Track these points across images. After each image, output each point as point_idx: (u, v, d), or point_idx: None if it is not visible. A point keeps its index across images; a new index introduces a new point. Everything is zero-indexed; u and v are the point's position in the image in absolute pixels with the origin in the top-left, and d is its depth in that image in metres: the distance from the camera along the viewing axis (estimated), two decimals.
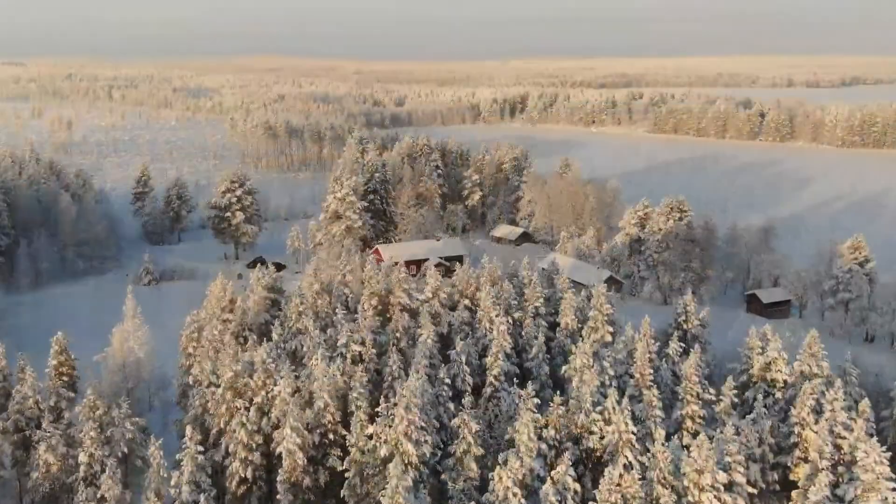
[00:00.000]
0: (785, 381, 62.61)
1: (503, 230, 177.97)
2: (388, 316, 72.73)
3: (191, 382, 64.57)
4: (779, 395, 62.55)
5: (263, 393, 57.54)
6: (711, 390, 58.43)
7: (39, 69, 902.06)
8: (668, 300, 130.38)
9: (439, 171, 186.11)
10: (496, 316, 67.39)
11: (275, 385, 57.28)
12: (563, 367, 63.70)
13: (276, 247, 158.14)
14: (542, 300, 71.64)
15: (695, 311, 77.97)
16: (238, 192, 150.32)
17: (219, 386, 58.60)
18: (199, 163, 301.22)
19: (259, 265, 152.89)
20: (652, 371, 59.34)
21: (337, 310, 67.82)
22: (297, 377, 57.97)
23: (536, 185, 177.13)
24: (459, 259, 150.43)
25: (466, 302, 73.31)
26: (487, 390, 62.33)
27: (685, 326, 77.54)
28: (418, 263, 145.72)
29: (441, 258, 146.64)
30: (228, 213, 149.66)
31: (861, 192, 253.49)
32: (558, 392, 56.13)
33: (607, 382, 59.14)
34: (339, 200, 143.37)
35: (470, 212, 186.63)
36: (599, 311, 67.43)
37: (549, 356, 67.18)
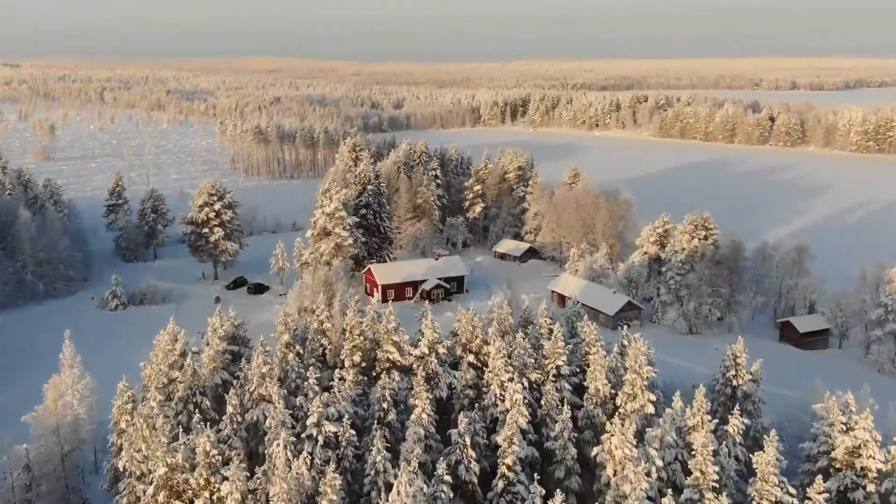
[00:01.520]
0: (879, 471, 49.01)
1: (507, 245, 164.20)
2: (375, 374, 59.12)
3: (122, 469, 50.84)
4: (871, 487, 48.96)
5: (207, 494, 43.90)
6: (792, 490, 44.74)
7: (33, 70, 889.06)
8: (693, 329, 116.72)
9: (438, 180, 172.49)
10: (508, 380, 53.78)
11: (222, 481, 43.65)
12: (595, 449, 50.09)
13: (261, 263, 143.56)
14: (564, 357, 57.79)
15: (745, 362, 64.45)
16: (217, 206, 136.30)
17: (151, 482, 44.93)
18: (187, 168, 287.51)
19: (239, 287, 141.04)
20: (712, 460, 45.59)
21: (310, 371, 53.98)
22: (249, 475, 44.23)
23: (543, 196, 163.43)
24: (460, 280, 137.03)
25: (471, 358, 59.56)
26: (499, 483, 48.63)
27: (735, 382, 64.00)
28: (415, 285, 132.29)
29: (440, 279, 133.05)
30: (206, 230, 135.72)
31: (881, 201, 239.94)
32: (597, 501, 42.26)
33: (654, 474, 45.58)
34: (328, 216, 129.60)
35: (471, 225, 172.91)
36: (638, 374, 53.64)
37: (575, 432, 53.53)
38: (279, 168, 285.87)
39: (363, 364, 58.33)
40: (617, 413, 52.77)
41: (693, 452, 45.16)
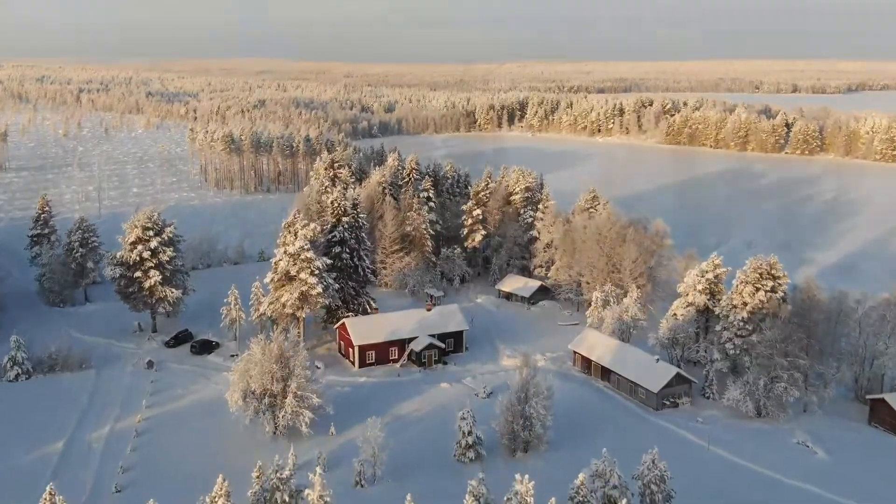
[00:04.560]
0: None
1: (513, 283, 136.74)
2: None
3: None
4: None
5: None
6: None
7: (13, 71, 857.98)
8: (763, 411, 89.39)
9: (431, 203, 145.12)
10: None
11: None
12: None
13: (215, 308, 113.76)
14: None
15: None
16: (153, 244, 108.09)
17: None
18: (152, 181, 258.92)
19: (181, 344, 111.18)
20: None
21: None
22: None
23: (556, 223, 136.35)
24: (458, 336, 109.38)
25: None
26: None
27: None
28: (401, 345, 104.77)
29: (433, 336, 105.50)
30: (139, 273, 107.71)
31: None
32: None
33: None
34: (291, 257, 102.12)
35: (470, 257, 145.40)
36: None
37: None
38: (255, 180, 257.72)
39: None
40: None
41: None
